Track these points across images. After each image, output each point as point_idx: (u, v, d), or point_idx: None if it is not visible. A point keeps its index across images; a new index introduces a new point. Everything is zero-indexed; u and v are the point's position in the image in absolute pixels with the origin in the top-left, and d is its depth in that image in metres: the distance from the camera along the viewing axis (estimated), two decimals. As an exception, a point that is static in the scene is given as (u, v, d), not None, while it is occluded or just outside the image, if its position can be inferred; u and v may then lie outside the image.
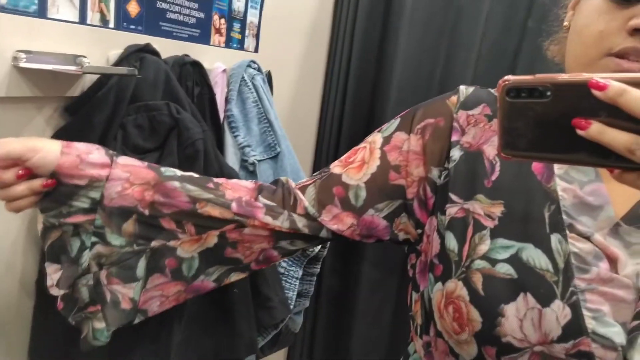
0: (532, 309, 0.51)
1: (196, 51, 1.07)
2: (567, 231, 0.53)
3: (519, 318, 0.51)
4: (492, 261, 0.54)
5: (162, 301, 0.68)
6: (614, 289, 0.50)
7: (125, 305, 0.65)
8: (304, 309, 1.37)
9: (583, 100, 0.37)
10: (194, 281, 0.68)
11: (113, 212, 0.64)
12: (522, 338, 0.51)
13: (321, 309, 1.65)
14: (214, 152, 1.00)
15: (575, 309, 0.50)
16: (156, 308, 0.69)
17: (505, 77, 0.41)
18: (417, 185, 0.64)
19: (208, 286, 0.70)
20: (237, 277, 0.70)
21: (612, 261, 0.52)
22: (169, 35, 1.01)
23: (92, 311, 0.65)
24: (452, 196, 0.60)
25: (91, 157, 0.64)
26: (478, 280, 0.54)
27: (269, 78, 1.30)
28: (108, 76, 0.87)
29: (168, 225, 0.65)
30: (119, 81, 0.87)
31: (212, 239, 0.66)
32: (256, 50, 1.30)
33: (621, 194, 0.54)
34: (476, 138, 0.61)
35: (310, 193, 0.68)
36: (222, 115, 1.15)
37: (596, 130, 0.37)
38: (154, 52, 0.94)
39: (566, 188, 0.56)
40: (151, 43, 0.94)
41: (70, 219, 0.63)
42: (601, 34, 0.53)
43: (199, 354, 1.05)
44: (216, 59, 1.13)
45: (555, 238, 0.53)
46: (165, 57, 0.98)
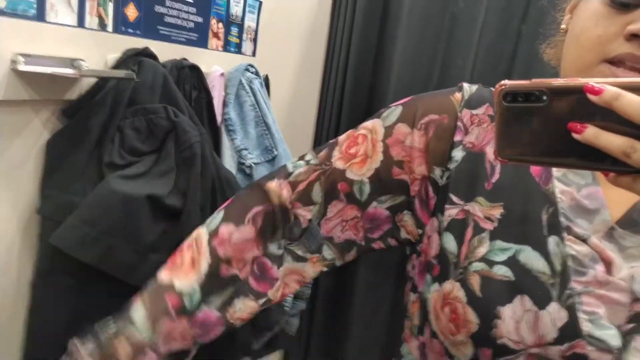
0: (529, 311, 0.51)
1: (194, 55, 1.08)
2: (565, 233, 0.53)
3: (516, 320, 0.51)
4: (490, 263, 0.54)
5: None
6: (610, 292, 0.50)
7: None
8: (300, 311, 1.37)
9: (579, 104, 0.38)
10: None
11: None
12: (518, 340, 0.51)
13: (317, 311, 1.65)
14: (211, 155, 1.00)
15: (571, 312, 0.50)
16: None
17: (501, 82, 0.42)
18: (420, 183, 0.63)
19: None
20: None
21: (607, 264, 0.52)
22: (167, 39, 1.02)
23: None
24: (453, 197, 0.60)
25: None
26: (476, 282, 0.54)
27: (267, 82, 1.31)
28: (106, 79, 0.87)
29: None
30: (117, 84, 0.88)
31: None
32: (254, 54, 1.31)
33: (617, 198, 0.54)
34: (479, 138, 0.61)
35: (317, 192, 0.66)
36: (220, 118, 1.16)
37: (592, 134, 0.37)
38: (152, 56, 0.95)
39: (564, 190, 0.56)
40: (149, 47, 0.94)
41: None
42: (599, 39, 0.52)
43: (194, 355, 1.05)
44: (214, 63, 1.14)
45: (553, 240, 0.53)
46: (163, 61, 0.99)
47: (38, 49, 0.77)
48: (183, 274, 0.66)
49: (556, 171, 0.58)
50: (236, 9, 1.21)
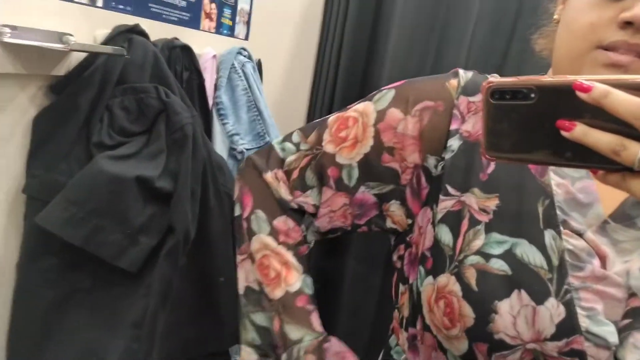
0: (526, 307, 0.50)
1: (185, 35, 1.05)
2: (561, 227, 0.53)
3: (513, 315, 0.50)
4: (486, 256, 0.53)
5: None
6: (607, 287, 0.50)
7: None
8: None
9: (567, 102, 0.37)
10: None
11: None
12: (515, 335, 0.50)
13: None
14: (203, 139, 0.98)
15: (569, 307, 0.50)
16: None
17: (489, 79, 0.41)
18: (412, 172, 0.62)
19: None
20: None
21: (602, 259, 0.52)
22: (158, 17, 0.99)
23: None
24: (449, 188, 0.59)
25: None
26: (472, 275, 0.53)
27: (259, 66, 1.29)
28: (95, 56, 0.85)
29: None
30: (106, 61, 0.86)
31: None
32: (247, 37, 1.29)
33: (609, 192, 0.53)
34: (475, 127, 0.59)
35: (310, 177, 0.67)
36: (211, 102, 1.13)
37: (580, 131, 0.37)
38: (143, 34, 0.93)
39: (559, 183, 0.55)
40: (140, 24, 0.92)
41: None
42: (592, 27, 0.52)
43: (183, 342, 1.03)
44: (206, 45, 1.11)
45: (549, 234, 0.53)
46: (154, 40, 0.96)
47: (25, 21, 0.74)
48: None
49: None
50: (229, -9, 1.19)
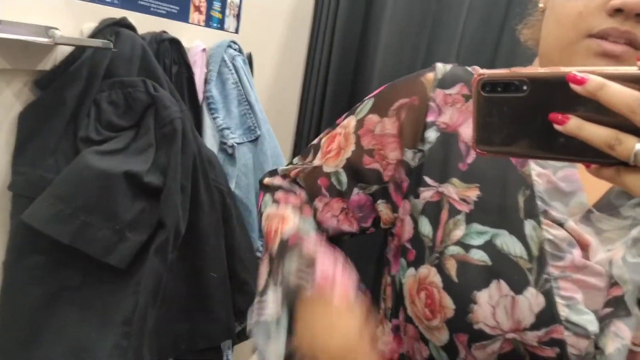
0: (506, 296, 0.50)
1: (174, 29, 1.04)
2: (542, 217, 0.53)
3: (492, 305, 0.50)
4: (466, 247, 0.53)
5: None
6: (587, 277, 0.50)
7: None
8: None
9: (560, 94, 0.37)
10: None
11: None
12: (495, 325, 0.50)
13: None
14: (193, 133, 0.97)
15: (548, 297, 0.50)
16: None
17: (480, 71, 0.40)
18: (394, 168, 0.62)
19: None
20: None
21: (584, 248, 0.51)
22: (146, 10, 0.98)
23: None
24: (427, 179, 0.59)
25: None
26: (452, 266, 0.53)
27: (250, 60, 1.28)
28: (81, 50, 0.83)
29: None
30: (93, 55, 0.84)
31: None
32: (237, 31, 1.27)
33: (593, 181, 0.52)
34: (453, 119, 0.60)
35: (301, 181, 0.69)
36: (201, 96, 1.12)
37: (574, 125, 0.36)
38: (130, 27, 0.91)
39: (540, 173, 0.55)
40: (127, 17, 0.90)
41: None
42: (580, 15, 0.51)
43: (174, 339, 1.03)
44: (195, 38, 1.10)
45: (529, 224, 0.53)
46: (142, 33, 0.95)
47: (9, 15, 0.72)
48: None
49: None
50: (219, -17, 1.17)
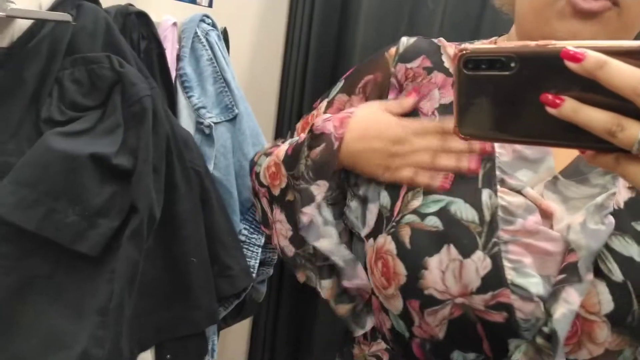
0: (454, 260, 0.50)
1: (142, 2, 0.98)
2: (498, 186, 0.52)
3: (441, 270, 0.50)
4: (422, 215, 0.53)
5: None
6: (539, 242, 0.49)
7: None
8: (268, 278, 1.33)
9: (553, 72, 0.32)
10: None
11: None
12: (444, 290, 0.50)
13: (286, 277, 1.61)
14: (165, 112, 0.92)
15: (495, 260, 0.49)
16: None
17: (461, 46, 0.36)
18: None
19: None
20: None
21: (547, 215, 0.50)
22: (110, -18, 0.92)
23: None
24: None
25: None
26: (406, 234, 0.53)
27: (225, 35, 1.22)
28: (40, 24, 0.79)
29: None
30: (53, 30, 0.80)
31: None
32: (210, 4, 1.22)
33: (562, 149, 0.51)
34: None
35: None
36: (174, 73, 1.07)
37: (570, 108, 0.32)
38: (93, 0, 0.86)
39: (504, 145, 0.54)
40: (89, -11, 0.85)
41: None
42: None
43: (156, 326, 1.00)
44: (164, 12, 1.05)
45: (486, 193, 0.52)
46: (106, 7, 0.90)
47: (-47, -14, 0.67)
48: None
49: None
50: (189, -46, 1.12)
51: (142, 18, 0.94)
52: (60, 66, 0.80)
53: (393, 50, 0.62)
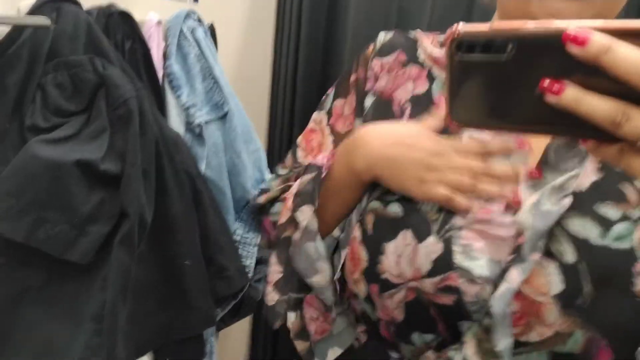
0: (408, 245, 0.51)
1: (124, 0, 0.96)
2: None
3: (397, 255, 0.51)
4: (385, 202, 0.54)
5: None
6: (492, 228, 0.49)
7: None
8: (265, 276, 1.32)
9: (553, 56, 0.30)
10: None
11: None
12: (398, 274, 0.51)
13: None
14: (152, 113, 0.90)
15: (446, 245, 0.50)
16: None
17: (454, 28, 0.33)
18: None
19: None
20: None
21: (515, 204, 0.50)
22: (91, -18, 0.90)
23: None
24: None
25: None
26: (370, 220, 0.54)
27: (212, 31, 1.20)
28: (19, 30, 0.77)
29: None
30: (33, 35, 0.78)
31: None
32: (195, 0, 1.19)
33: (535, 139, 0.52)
34: (388, 85, 0.61)
35: None
36: (161, 73, 1.05)
37: (572, 96, 0.30)
38: (73, 1, 0.84)
39: (473, 136, 0.54)
40: (68, -10, 0.83)
41: None
42: None
43: (152, 331, 0.98)
44: (148, 10, 1.02)
45: None
46: (87, 8, 0.87)
47: None
48: None
49: None
50: (172, -51, 1.09)
51: (125, 18, 0.92)
52: (42, 71, 0.78)
53: (371, 47, 0.64)
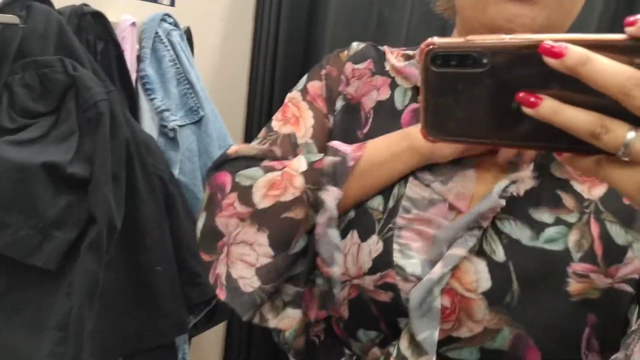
0: (354, 244, 0.53)
1: (97, 2, 0.94)
2: (411, 178, 0.54)
3: (344, 253, 0.53)
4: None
5: None
6: (429, 228, 0.52)
7: None
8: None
9: (530, 69, 0.30)
10: None
11: None
12: (344, 272, 0.53)
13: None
14: (124, 116, 0.89)
15: (387, 244, 0.52)
16: None
17: (429, 40, 0.33)
18: None
19: None
20: None
21: (460, 210, 0.52)
22: (63, -19, 0.88)
23: None
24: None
25: None
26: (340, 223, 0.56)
27: (189, 35, 1.19)
28: (-14, 28, 0.74)
29: None
30: (1, 33, 0.75)
31: None
32: (172, 3, 1.18)
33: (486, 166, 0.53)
34: (357, 91, 0.62)
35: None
36: (134, 75, 1.03)
37: (549, 108, 0.29)
38: (45, 0, 0.82)
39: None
40: (39, -11, 0.81)
41: None
42: None
43: (121, 338, 0.97)
44: (123, 12, 1.01)
45: (398, 184, 0.55)
46: (59, 7, 0.85)
47: None
48: None
49: None
50: (148, -49, 1.08)
51: (99, 18, 0.90)
52: (9, 71, 0.76)
53: (346, 52, 0.66)
